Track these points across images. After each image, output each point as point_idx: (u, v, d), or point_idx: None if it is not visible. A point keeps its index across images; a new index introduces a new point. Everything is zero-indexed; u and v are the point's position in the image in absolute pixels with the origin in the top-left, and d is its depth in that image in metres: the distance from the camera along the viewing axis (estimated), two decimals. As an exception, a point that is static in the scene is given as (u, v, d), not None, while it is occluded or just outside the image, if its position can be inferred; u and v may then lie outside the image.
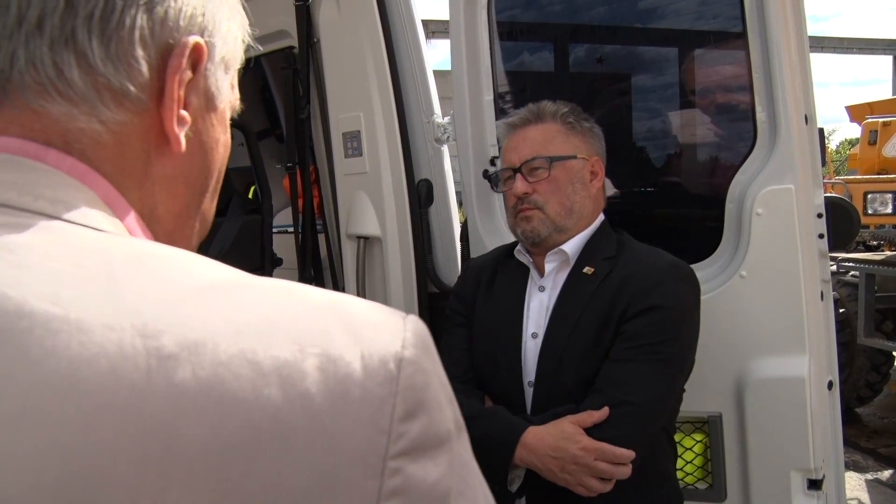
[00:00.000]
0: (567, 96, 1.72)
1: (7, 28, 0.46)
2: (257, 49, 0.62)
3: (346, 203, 2.52)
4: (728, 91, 1.92)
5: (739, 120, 1.89)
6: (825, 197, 1.84)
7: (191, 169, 0.54)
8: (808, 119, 1.76)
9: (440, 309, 2.15)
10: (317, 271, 2.96)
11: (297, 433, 0.37)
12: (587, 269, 1.57)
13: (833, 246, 1.95)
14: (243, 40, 0.58)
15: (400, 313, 0.44)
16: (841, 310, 5.31)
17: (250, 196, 3.85)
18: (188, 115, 0.51)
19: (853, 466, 4.84)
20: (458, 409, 0.44)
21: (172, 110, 0.50)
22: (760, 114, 1.78)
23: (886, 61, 19.92)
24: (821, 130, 2.05)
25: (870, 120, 9.26)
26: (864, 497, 4.47)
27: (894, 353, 5.56)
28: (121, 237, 0.46)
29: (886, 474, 4.82)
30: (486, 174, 1.83)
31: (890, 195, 7.82)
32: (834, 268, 5.35)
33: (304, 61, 2.62)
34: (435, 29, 10.66)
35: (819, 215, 1.78)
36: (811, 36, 1.88)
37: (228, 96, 0.57)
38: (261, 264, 3.38)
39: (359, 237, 2.52)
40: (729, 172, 1.85)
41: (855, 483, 4.59)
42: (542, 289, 1.62)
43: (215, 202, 0.60)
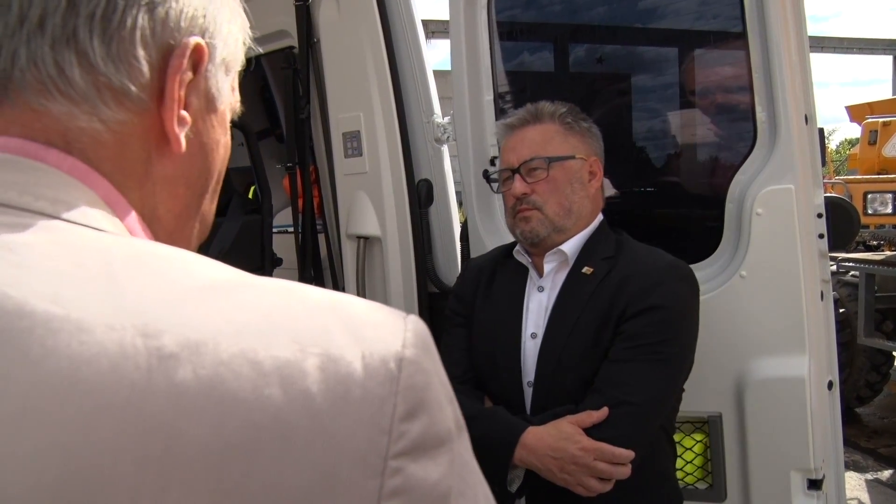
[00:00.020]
0: (567, 96, 1.72)
1: (9, 27, 0.46)
2: (257, 49, 0.62)
3: (346, 203, 2.52)
4: (728, 91, 1.92)
5: (739, 120, 1.89)
6: (825, 197, 1.84)
7: (191, 170, 0.54)
8: (808, 119, 1.76)
9: (440, 309, 2.14)
10: (317, 271, 2.96)
11: (298, 433, 0.37)
12: (586, 270, 1.57)
13: (833, 246, 1.95)
14: (244, 43, 0.58)
15: (400, 313, 0.44)
16: (841, 310, 5.30)
17: (250, 196, 3.84)
18: (188, 116, 0.51)
19: (853, 466, 4.84)
20: (459, 409, 0.44)
21: (173, 110, 0.50)
22: (760, 114, 1.78)
23: (886, 61, 19.94)
24: (821, 130, 2.05)
25: (870, 120, 9.26)
26: (864, 497, 4.47)
27: (894, 353, 5.56)
28: (121, 237, 0.46)
29: (886, 474, 4.82)
30: (486, 174, 1.83)
31: (890, 195, 7.82)
32: (834, 268, 5.35)
33: (304, 61, 2.61)
34: (435, 29, 10.66)
35: (819, 215, 1.78)
36: (811, 36, 1.88)
37: (229, 98, 0.57)
38: (261, 264, 3.38)
39: (359, 237, 2.51)
40: (729, 172, 1.85)
41: (855, 483, 4.59)
42: (541, 289, 1.62)
43: (215, 203, 0.60)
